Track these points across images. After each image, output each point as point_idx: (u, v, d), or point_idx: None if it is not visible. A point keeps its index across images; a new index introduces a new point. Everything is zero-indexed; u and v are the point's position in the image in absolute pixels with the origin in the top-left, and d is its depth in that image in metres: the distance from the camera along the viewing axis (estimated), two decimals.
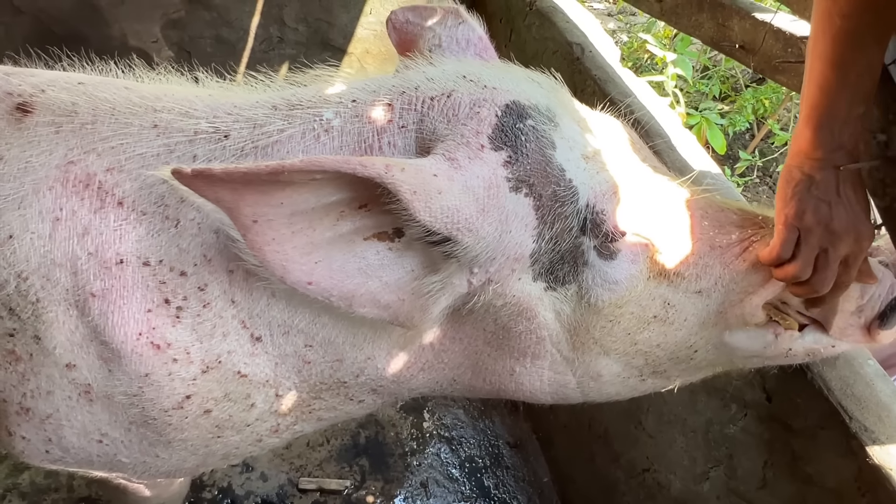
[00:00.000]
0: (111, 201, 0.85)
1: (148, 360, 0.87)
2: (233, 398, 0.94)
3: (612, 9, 5.38)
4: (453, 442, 2.10)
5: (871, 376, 1.00)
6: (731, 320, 0.93)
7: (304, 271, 0.77)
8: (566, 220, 0.85)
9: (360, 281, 0.80)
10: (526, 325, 0.90)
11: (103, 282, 0.84)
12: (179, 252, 0.86)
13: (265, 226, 0.74)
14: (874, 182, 0.88)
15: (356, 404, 1.05)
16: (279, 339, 0.92)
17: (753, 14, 1.14)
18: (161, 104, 0.90)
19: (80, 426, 0.94)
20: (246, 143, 0.86)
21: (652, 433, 1.46)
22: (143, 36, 2.16)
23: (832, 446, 0.98)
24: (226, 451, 1.04)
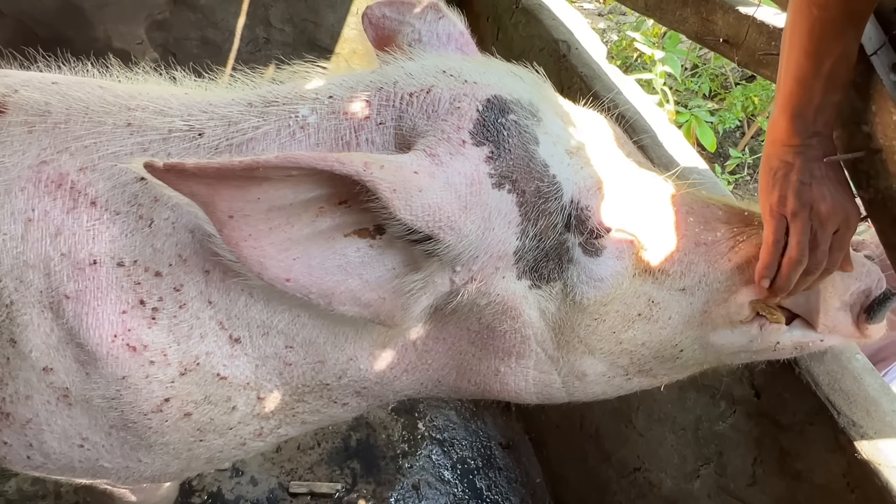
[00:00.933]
0: (84, 201, 0.84)
1: (124, 363, 0.86)
2: (213, 401, 0.92)
3: (601, 8, 5.39)
4: (445, 444, 2.09)
5: (859, 371, 0.99)
6: (717, 318, 0.92)
7: (282, 268, 0.76)
8: (550, 217, 0.84)
9: (339, 278, 0.79)
10: (510, 324, 0.89)
11: (77, 283, 0.83)
12: (154, 252, 0.84)
13: (241, 221, 0.72)
14: (859, 174, 0.88)
15: (340, 407, 1.03)
16: (259, 341, 0.90)
17: (737, 8, 1.13)
18: (135, 103, 0.89)
19: (61, 430, 0.92)
20: (220, 140, 0.85)
21: (642, 431, 1.45)
22: (127, 38, 2.15)
23: (821, 442, 0.98)
24: (209, 455, 1.02)
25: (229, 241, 0.73)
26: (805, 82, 0.81)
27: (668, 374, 1.00)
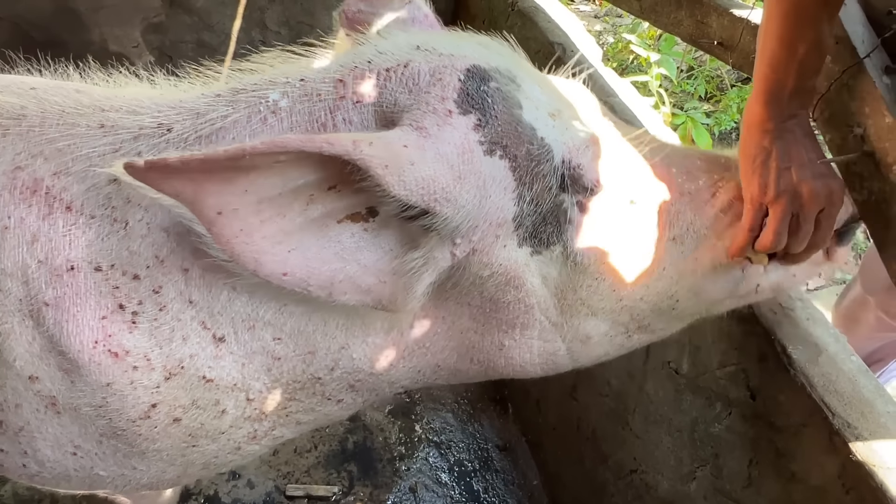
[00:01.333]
0: (59, 206, 0.83)
1: (107, 369, 0.85)
2: (201, 405, 0.91)
3: (598, 11, 5.40)
4: (442, 446, 2.09)
5: (854, 372, 0.99)
6: (706, 264, 0.95)
7: (278, 262, 0.74)
8: (545, 179, 0.84)
9: (337, 266, 0.77)
10: (514, 295, 0.88)
11: (55, 290, 0.82)
12: (130, 255, 0.83)
13: (231, 217, 0.71)
14: (852, 176, 0.88)
15: (335, 404, 1.01)
16: (244, 336, 0.88)
17: (731, 10, 1.14)
18: (110, 104, 0.88)
19: (53, 438, 0.91)
20: (189, 133, 0.84)
21: (639, 433, 1.45)
22: (123, 41, 2.14)
23: (816, 443, 0.98)
24: (205, 461, 1.01)
25: (220, 239, 0.71)
26: (779, 68, 0.84)
27: (665, 328, 1.02)
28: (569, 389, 1.78)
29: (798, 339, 1.03)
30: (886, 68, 0.85)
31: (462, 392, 2.25)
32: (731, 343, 1.15)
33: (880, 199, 0.84)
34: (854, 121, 0.86)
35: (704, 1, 1.20)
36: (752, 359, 1.10)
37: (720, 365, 1.18)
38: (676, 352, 1.30)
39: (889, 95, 0.83)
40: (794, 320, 1.06)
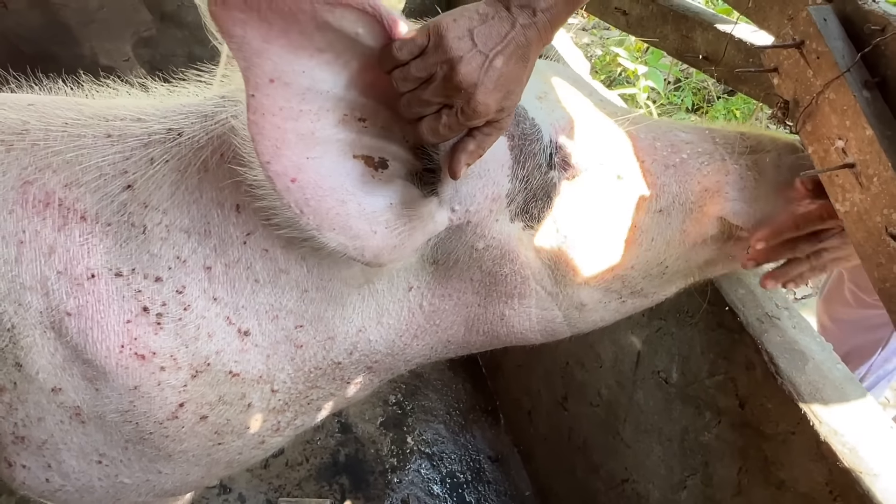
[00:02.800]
0: (74, 217, 0.84)
1: (134, 372, 0.85)
2: (227, 400, 0.92)
3: (586, 24, 5.45)
4: (434, 458, 2.09)
5: (840, 380, 1.01)
6: (693, 234, 0.98)
7: (294, 163, 0.72)
8: (535, 158, 0.89)
9: (338, 198, 0.76)
10: (510, 267, 0.93)
11: (77, 299, 0.83)
12: (151, 258, 0.84)
13: (280, 89, 0.68)
14: (835, 188, 0.89)
15: (353, 387, 1.04)
16: (268, 327, 0.90)
17: (715, 25, 1.16)
18: (113, 114, 0.90)
19: (78, 448, 0.92)
20: (200, 135, 0.86)
21: (630, 443, 1.46)
22: (114, 55, 2.15)
23: (803, 451, 0.99)
24: (229, 459, 1.02)
25: (259, 108, 0.68)
26: None
27: (658, 291, 1.05)
28: (560, 399, 1.79)
29: (785, 347, 1.05)
30: (866, 82, 0.87)
31: (453, 403, 2.26)
32: (719, 352, 1.17)
33: (862, 210, 0.86)
34: (836, 133, 0.88)
35: (689, 16, 1.22)
36: (740, 368, 1.11)
37: (709, 374, 1.19)
38: (666, 361, 1.32)
39: (869, 109, 0.85)
40: (781, 329, 1.07)
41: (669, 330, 1.30)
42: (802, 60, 0.91)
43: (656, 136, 0.99)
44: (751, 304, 1.11)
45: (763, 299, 1.12)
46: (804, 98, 0.92)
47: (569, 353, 1.72)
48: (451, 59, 0.69)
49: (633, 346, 1.43)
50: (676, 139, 0.99)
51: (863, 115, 0.84)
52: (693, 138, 0.99)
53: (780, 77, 0.96)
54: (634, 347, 1.42)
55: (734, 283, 1.15)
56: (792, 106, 0.95)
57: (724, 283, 1.16)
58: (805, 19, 0.91)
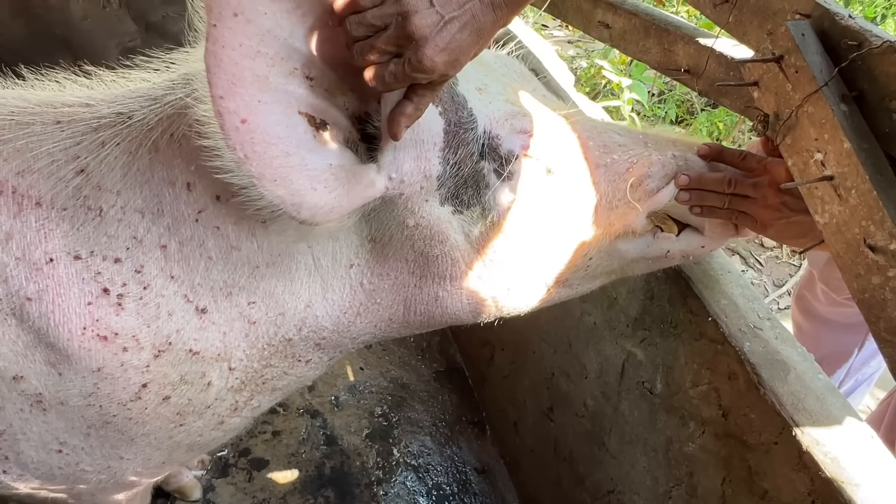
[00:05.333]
0: (28, 203, 0.85)
1: (97, 354, 0.86)
2: (189, 380, 0.94)
3: (571, 36, 5.50)
4: (420, 469, 2.08)
5: (822, 390, 1.01)
6: (619, 230, 1.05)
7: (246, 103, 0.70)
8: (468, 147, 0.93)
9: (283, 149, 0.75)
10: (440, 249, 0.97)
11: (37, 284, 0.84)
12: (109, 239, 0.86)
13: (242, 24, 0.68)
14: (814, 200, 0.91)
15: (304, 365, 1.06)
16: (223, 304, 0.92)
17: (696, 39, 1.17)
18: (60, 101, 0.91)
19: (37, 438, 0.92)
20: (150, 117, 0.87)
21: (615, 454, 1.46)
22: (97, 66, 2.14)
23: (786, 461, 1.00)
24: (190, 441, 1.04)
25: (220, 39, 0.67)
26: None
27: (582, 284, 1.13)
28: (545, 410, 1.79)
29: (767, 358, 1.05)
30: (843, 96, 0.88)
31: (439, 414, 2.25)
32: (702, 363, 1.17)
33: (840, 221, 0.87)
34: (814, 146, 0.89)
35: (671, 30, 1.24)
36: (723, 378, 1.12)
37: (692, 384, 1.20)
38: (650, 372, 1.32)
39: (846, 122, 0.86)
40: (764, 340, 1.08)
41: (653, 340, 1.31)
42: (781, 75, 0.93)
43: (590, 136, 1.05)
44: (733, 314, 1.12)
45: (745, 310, 1.13)
46: (783, 111, 0.94)
47: (554, 364, 1.72)
48: (406, 12, 0.71)
49: (617, 357, 1.43)
50: (610, 140, 1.05)
51: (840, 128, 0.85)
52: (626, 141, 1.06)
53: (760, 91, 0.98)
54: (619, 358, 1.42)
55: (717, 294, 1.16)
56: (772, 119, 0.97)
57: (707, 293, 1.17)
58: (784, 34, 0.92)
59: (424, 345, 2.48)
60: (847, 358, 1.95)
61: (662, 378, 1.29)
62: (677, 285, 1.23)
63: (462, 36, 0.74)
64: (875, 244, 0.83)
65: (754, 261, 3.50)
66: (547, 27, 5.50)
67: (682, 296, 1.21)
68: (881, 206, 0.81)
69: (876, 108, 0.88)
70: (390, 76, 0.74)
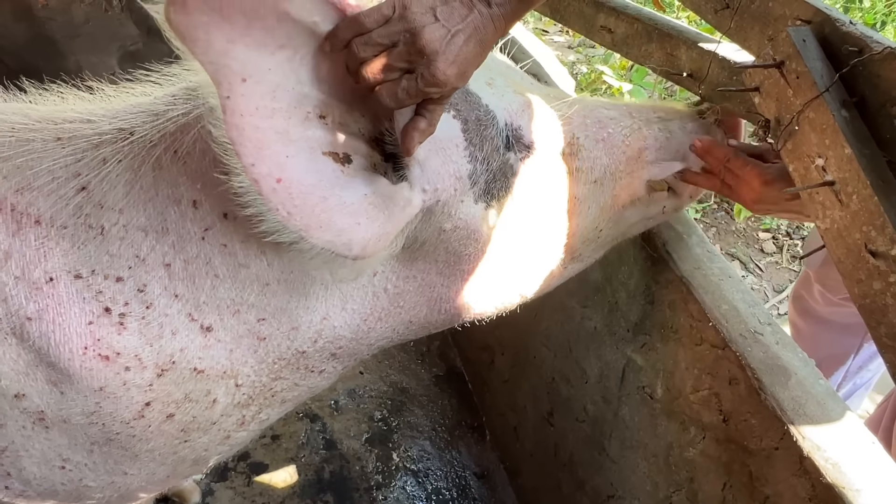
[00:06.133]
0: (27, 221, 0.83)
1: (99, 373, 0.85)
2: (193, 398, 0.92)
3: (571, 41, 5.52)
4: (419, 474, 2.07)
5: (823, 396, 1.01)
6: (624, 199, 1.13)
7: (277, 162, 0.71)
8: (492, 141, 0.96)
9: (320, 195, 0.76)
10: (475, 247, 0.99)
11: (37, 303, 0.82)
12: (111, 258, 0.84)
13: (253, 87, 0.69)
14: (815, 205, 0.91)
15: (317, 376, 1.04)
16: (230, 322, 0.90)
17: (699, 43, 1.17)
18: (61, 117, 0.90)
19: (40, 454, 0.91)
20: (152, 133, 0.86)
21: (615, 459, 1.46)
22: (99, 68, 2.14)
23: (787, 466, 0.99)
24: (195, 456, 1.02)
25: (236, 109, 0.68)
26: None
27: (592, 255, 1.20)
28: (545, 415, 1.79)
29: (768, 363, 1.05)
30: (844, 102, 0.88)
31: (439, 419, 2.25)
32: (703, 368, 1.17)
33: (842, 227, 0.87)
34: (815, 152, 0.89)
35: (673, 34, 1.24)
36: (724, 383, 1.12)
37: (693, 389, 1.20)
38: (650, 377, 1.32)
39: (847, 128, 0.86)
40: (764, 345, 1.08)
41: (654, 345, 1.31)
42: (783, 80, 0.93)
43: (586, 115, 1.10)
44: (734, 320, 1.12)
45: (746, 316, 1.13)
46: (785, 117, 0.94)
47: (554, 368, 1.72)
48: (414, 28, 0.72)
49: (618, 362, 1.43)
50: (602, 116, 1.11)
51: (841, 133, 0.85)
52: (615, 114, 1.12)
53: (762, 96, 0.98)
54: (620, 363, 1.42)
55: (717, 300, 1.16)
56: (773, 124, 0.97)
57: (708, 299, 1.17)
58: (785, 40, 0.92)
59: (424, 349, 2.48)
60: (844, 360, 1.95)
61: (663, 383, 1.28)
62: (678, 290, 1.23)
63: (468, 48, 0.75)
64: (876, 249, 0.83)
65: (754, 266, 3.50)
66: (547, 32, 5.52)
67: (682, 301, 1.21)
68: (882, 211, 0.81)
69: (877, 113, 0.88)
70: (403, 92, 0.75)
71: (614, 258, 1.41)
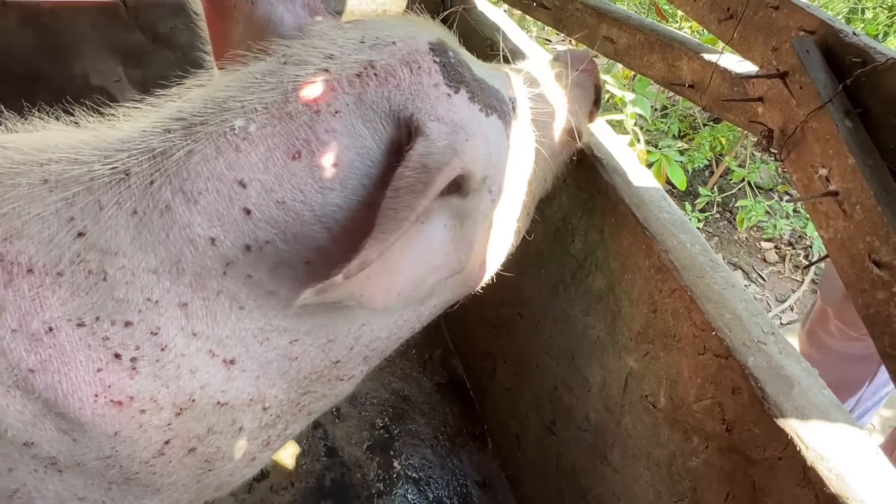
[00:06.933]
0: (19, 271, 0.78)
1: (113, 419, 0.81)
2: (217, 429, 0.89)
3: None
4: (421, 482, 2.07)
5: (826, 406, 1.01)
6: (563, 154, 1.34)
7: (391, 291, 0.80)
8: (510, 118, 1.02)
9: (419, 264, 0.83)
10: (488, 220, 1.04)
11: (38, 355, 0.78)
12: (117, 303, 0.80)
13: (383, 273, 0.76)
14: (819, 215, 0.91)
15: (346, 383, 1.03)
16: (257, 351, 0.87)
17: (701, 55, 1.18)
18: (46, 156, 0.84)
19: (54, 495, 0.87)
20: (154, 175, 0.81)
21: (618, 468, 1.46)
22: (105, 75, 2.15)
23: (790, 476, 0.99)
24: (220, 482, 0.99)
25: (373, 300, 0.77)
26: None
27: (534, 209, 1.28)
28: (548, 424, 1.78)
29: (771, 372, 1.05)
30: (847, 112, 0.89)
31: (441, 427, 2.24)
32: (706, 377, 1.17)
33: (845, 237, 0.87)
34: (819, 162, 0.90)
35: (675, 45, 1.24)
36: (727, 392, 1.12)
37: (696, 398, 1.20)
38: (653, 386, 1.32)
39: (851, 138, 0.87)
40: (768, 354, 1.08)
41: (657, 354, 1.31)
42: (786, 91, 0.94)
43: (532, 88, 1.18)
44: (737, 329, 1.12)
45: (749, 325, 1.13)
46: (788, 127, 0.94)
47: (556, 377, 1.72)
48: None
49: (620, 371, 1.43)
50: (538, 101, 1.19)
51: (845, 144, 0.86)
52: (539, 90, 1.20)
53: (765, 106, 0.99)
54: (622, 372, 1.42)
55: (721, 309, 1.16)
56: (777, 134, 0.97)
57: (711, 308, 1.17)
58: (788, 51, 0.93)
59: (426, 357, 2.48)
60: (859, 388, 1.95)
61: (666, 392, 1.28)
62: (681, 299, 1.23)
63: None
64: (880, 259, 0.83)
65: (756, 275, 3.50)
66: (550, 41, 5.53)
67: (685, 310, 1.21)
68: (886, 221, 0.81)
69: (880, 124, 0.89)
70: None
71: (617, 267, 1.41)
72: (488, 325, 2.14)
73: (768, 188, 4.12)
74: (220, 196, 0.81)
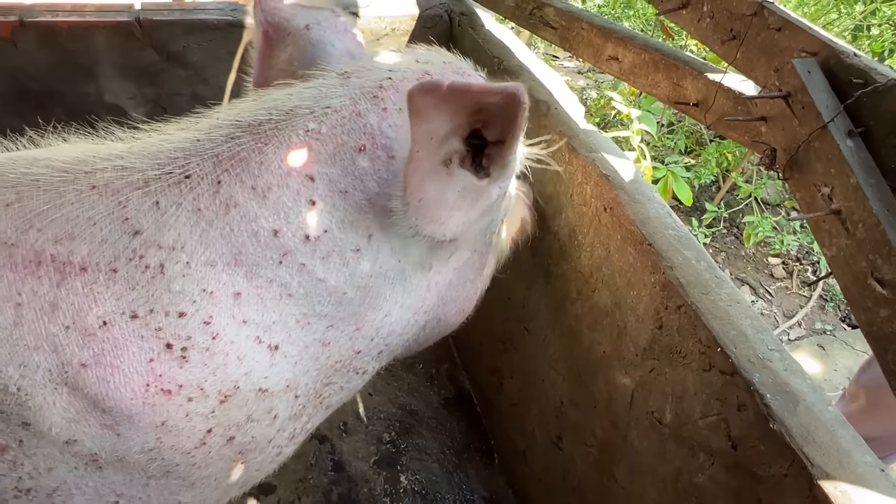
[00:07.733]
0: (72, 270, 0.81)
1: (161, 408, 0.84)
2: (256, 417, 0.92)
3: (581, 67, 5.57)
4: (427, 497, 2.07)
5: (832, 423, 1.01)
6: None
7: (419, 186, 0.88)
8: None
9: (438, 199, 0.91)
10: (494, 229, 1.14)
11: (91, 349, 0.81)
12: (172, 295, 0.83)
13: (436, 145, 0.84)
14: (821, 233, 0.92)
15: (360, 377, 1.07)
16: (298, 335, 0.91)
17: (705, 74, 1.20)
18: (90, 167, 0.88)
19: (93, 491, 0.89)
20: (221, 175, 0.87)
21: (624, 484, 1.46)
22: (119, 93, 2.19)
23: (796, 493, 0.99)
24: (247, 477, 1.02)
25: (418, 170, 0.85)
26: None
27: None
28: (554, 439, 1.79)
29: (776, 389, 1.06)
30: (849, 132, 0.90)
31: (447, 442, 2.24)
32: (711, 393, 1.18)
33: (848, 255, 0.88)
34: (821, 181, 0.91)
35: (680, 65, 1.26)
36: (733, 409, 1.12)
37: (702, 415, 1.20)
38: (659, 401, 1.32)
39: (853, 157, 0.88)
40: (773, 371, 1.08)
41: (662, 370, 1.31)
42: (789, 111, 0.95)
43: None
44: (742, 345, 1.13)
45: (755, 342, 1.13)
46: (791, 146, 0.96)
47: (563, 392, 1.72)
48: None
49: (626, 387, 1.43)
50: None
51: (846, 163, 0.87)
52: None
53: (768, 126, 1.00)
54: (628, 388, 1.43)
55: (726, 325, 1.17)
56: (779, 153, 0.99)
57: (716, 324, 1.17)
58: (790, 71, 0.95)
59: (433, 371, 2.48)
60: None
61: (672, 408, 1.29)
62: (686, 315, 1.23)
63: None
64: (882, 277, 0.84)
65: (764, 291, 3.49)
66: (557, 58, 5.57)
67: (691, 326, 1.22)
68: (888, 240, 0.82)
69: (881, 144, 0.90)
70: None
71: (623, 283, 1.42)
72: (495, 340, 2.15)
73: (775, 204, 4.12)
74: (289, 190, 0.88)
